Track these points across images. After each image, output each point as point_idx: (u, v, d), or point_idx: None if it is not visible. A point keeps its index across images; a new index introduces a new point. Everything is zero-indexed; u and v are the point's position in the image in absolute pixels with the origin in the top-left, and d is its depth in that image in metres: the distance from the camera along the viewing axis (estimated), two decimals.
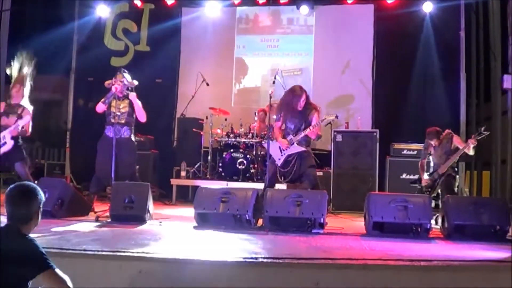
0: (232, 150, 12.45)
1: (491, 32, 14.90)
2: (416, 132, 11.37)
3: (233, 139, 12.71)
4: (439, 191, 9.77)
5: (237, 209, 8.15)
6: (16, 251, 3.65)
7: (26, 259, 3.64)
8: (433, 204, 8.70)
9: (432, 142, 10.07)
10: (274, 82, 11.41)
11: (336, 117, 9.95)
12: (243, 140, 12.61)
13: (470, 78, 14.06)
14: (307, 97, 9.64)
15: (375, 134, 12.14)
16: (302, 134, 9.42)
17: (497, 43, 14.69)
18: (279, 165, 9.43)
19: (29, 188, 3.90)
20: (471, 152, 9.69)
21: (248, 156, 12.29)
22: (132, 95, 9.78)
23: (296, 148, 9.44)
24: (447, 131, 10.16)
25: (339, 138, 12.17)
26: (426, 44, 13.65)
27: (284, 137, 9.56)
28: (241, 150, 12.44)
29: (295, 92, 9.61)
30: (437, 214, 8.61)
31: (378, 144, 12.03)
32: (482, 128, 9.64)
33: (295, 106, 9.48)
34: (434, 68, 13.59)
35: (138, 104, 9.82)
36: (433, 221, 8.22)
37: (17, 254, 3.64)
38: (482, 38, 14.98)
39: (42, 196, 3.93)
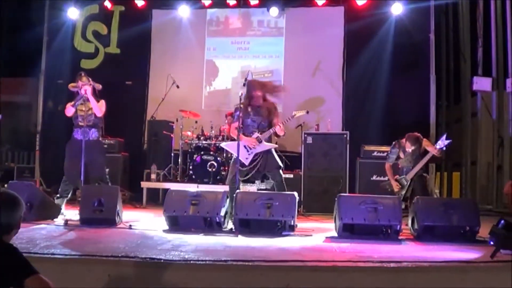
0: (202, 153, 12.40)
1: (460, 34, 15.02)
2: (387, 133, 11.45)
3: (204, 142, 12.67)
4: (411, 191, 9.83)
5: (207, 212, 8.11)
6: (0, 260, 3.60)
7: (10, 266, 3.59)
8: (403, 206, 8.72)
9: (409, 149, 10.02)
10: (244, 85, 11.34)
11: (307, 112, 9.92)
12: (213, 142, 12.57)
13: (440, 80, 14.16)
14: (264, 94, 9.59)
15: (345, 136, 12.14)
16: (271, 131, 9.35)
17: (466, 45, 14.81)
18: (246, 164, 9.31)
19: (11, 197, 3.83)
20: (438, 156, 9.77)
21: (218, 158, 12.25)
22: (85, 89, 9.63)
23: (264, 146, 9.36)
24: (416, 134, 10.17)
25: (309, 140, 12.17)
26: (396, 46, 13.71)
27: (246, 135, 9.42)
28: (211, 153, 12.39)
29: (254, 87, 9.57)
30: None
31: (348, 146, 12.02)
32: (444, 137, 9.66)
33: (255, 102, 9.44)
34: (404, 70, 13.65)
35: (92, 98, 9.70)
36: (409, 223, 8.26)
37: (1, 263, 3.59)
38: (452, 40, 15.10)
39: (23, 204, 3.87)
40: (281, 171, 9.52)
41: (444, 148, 9.70)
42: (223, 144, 10.51)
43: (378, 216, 7.78)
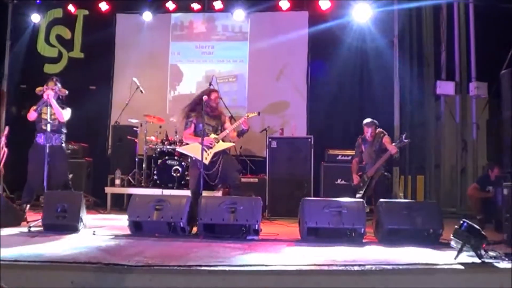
0: (167, 158, 12.35)
1: (424, 38, 15.13)
2: (351, 137, 11.46)
3: (168, 147, 12.62)
4: (372, 191, 9.92)
5: (171, 217, 8.08)
6: None
7: None
8: (367, 209, 8.76)
9: (368, 134, 10.21)
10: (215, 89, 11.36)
11: (258, 113, 9.91)
12: (178, 147, 12.50)
13: (404, 84, 14.23)
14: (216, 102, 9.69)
15: (309, 140, 12.18)
16: (227, 131, 9.44)
17: (430, 50, 14.94)
18: (207, 163, 9.25)
19: None
20: (395, 155, 9.92)
21: (183, 163, 12.20)
22: (48, 94, 9.55)
23: (222, 145, 9.38)
24: (379, 130, 10.31)
25: (274, 144, 12.18)
26: (361, 50, 13.79)
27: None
28: (176, 158, 12.34)
29: (211, 94, 9.59)
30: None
31: (313, 150, 12.07)
32: (403, 136, 9.82)
33: (212, 108, 9.49)
34: (368, 74, 13.74)
35: (54, 103, 9.62)
36: (374, 226, 8.30)
37: None
38: (416, 44, 15.19)
39: None
40: (239, 174, 9.58)
41: (401, 147, 9.86)
42: (180, 149, 10.45)
43: (342, 219, 7.83)
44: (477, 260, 6.03)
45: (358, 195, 10.07)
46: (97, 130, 14.48)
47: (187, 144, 9.66)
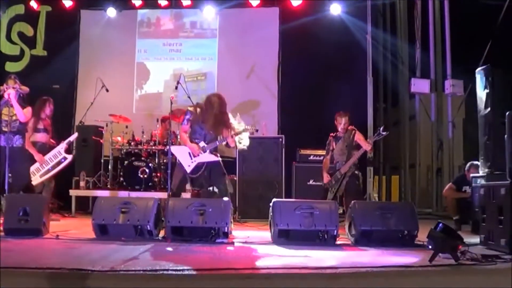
0: (133, 159, 12.29)
1: (398, 35, 15.23)
2: (323, 137, 11.45)
3: (135, 147, 12.57)
4: (343, 190, 9.95)
5: (137, 220, 8.02)
6: None
7: None
8: (340, 210, 8.77)
9: (341, 125, 10.23)
10: (176, 88, 11.20)
11: (256, 130, 9.97)
12: (145, 148, 12.48)
13: (377, 82, 14.30)
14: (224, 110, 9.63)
15: (280, 140, 12.20)
16: (217, 143, 9.41)
17: (404, 47, 15.04)
18: (188, 172, 9.29)
19: None
20: (369, 152, 9.95)
21: (150, 164, 12.16)
22: (9, 93, 9.47)
23: (209, 157, 9.35)
24: (350, 127, 10.32)
25: None
26: (333, 48, 13.79)
27: (193, 141, 9.42)
28: (143, 158, 12.30)
29: (221, 102, 9.56)
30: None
31: (284, 150, 12.10)
32: (381, 129, 9.86)
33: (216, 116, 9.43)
34: (341, 72, 13.74)
35: (15, 103, 9.54)
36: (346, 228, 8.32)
37: None
38: (390, 41, 15.28)
39: None
40: (225, 177, 9.54)
41: (378, 138, 9.90)
42: (173, 148, 10.37)
43: (314, 221, 7.82)
44: (453, 263, 6.04)
45: (329, 194, 10.08)
46: (61, 130, 14.31)
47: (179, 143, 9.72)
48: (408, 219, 8.00)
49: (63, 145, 10.62)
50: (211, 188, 9.58)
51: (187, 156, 9.34)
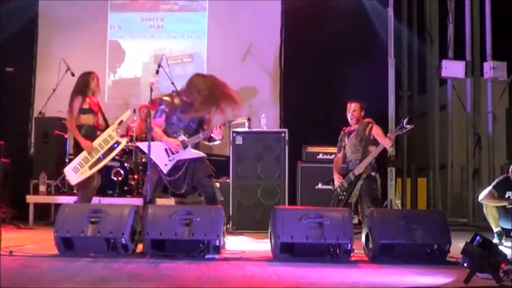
0: None
1: (426, 8, 15.17)
2: (334, 131, 11.46)
3: None
4: (358, 196, 9.91)
5: (110, 232, 8.01)
6: None
7: None
8: (356, 220, 8.78)
9: (350, 113, 10.17)
10: (157, 72, 11.23)
11: (248, 120, 9.93)
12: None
13: (400, 65, 14.30)
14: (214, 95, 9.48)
15: (283, 135, 12.19)
16: (201, 136, 9.35)
17: (433, 22, 14.99)
18: (164, 172, 9.28)
19: None
20: (389, 149, 9.87)
21: (126, 164, 12.18)
22: None
23: (190, 154, 9.32)
24: (367, 119, 10.25)
25: (239, 140, 12.18)
26: (347, 25, 13.82)
27: (170, 137, 9.37)
28: (117, 157, 12.27)
29: (210, 82, 9.48)
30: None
31: (287, 147, 12.08)
32: (404, 121, 9.75)
33: (188, 97, 9.37)
34: (356, 53, 13.78)
35: None
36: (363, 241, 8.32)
37: None
38: (416, 16, 15.26)
39: None
40: (212, 180, 9.52)
41: (401, 133, 9.85)
42: (141, 144, 10.37)
43: (324, 233, 7.81)
44: (494, 284, 6.04)
45: (340, 198, 10.05)
46: (15, 123, 14.36)
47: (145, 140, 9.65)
48: (438, 230, 7.99)
49: (114, 127, 10.54)
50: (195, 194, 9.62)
51: (163, 153, 9.27)
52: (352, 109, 10.21)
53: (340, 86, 13.67)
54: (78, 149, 10.44)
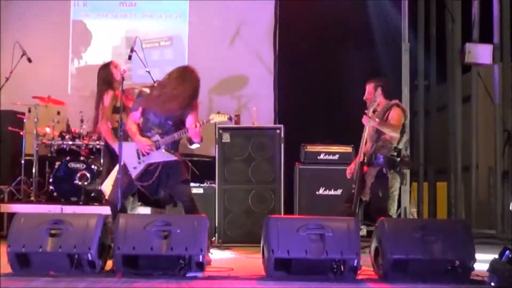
0: (68, 159, 12.30)
1: None
2: (337, 128, 11.50)
3: (71, 142, 12.56)
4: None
5: (74, 246, 7.99)
6: None
7: None
8: (364, 231, 8.79)
9: (365, 95, 10.11)
10: (130, 57, 11.18)
11: (230, 119, 9.88)
12: (85, 143, 12.47)
13: (416, 50, 14.30)
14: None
15: (278, 131, 12.16)
16: (176, 136, 9.28)
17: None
18: (133, 176, 9.25)
19: None
20: (394, 134, 9.72)
21: (93, 166, 12.19)
22: None
23: (163, 156, 9.26)
24: (394, 101, 10.12)
25: (226, 138, 12.15)
26: (352, 2, 13.81)
27: (144, 135, 9.32)
28: (82, 158, 12.30)
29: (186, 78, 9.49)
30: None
31: (283, 145, 12.07)
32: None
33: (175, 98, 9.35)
34: (364, 36, 13.78)
35: None
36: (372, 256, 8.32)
37: None
38: None
39: None
40: (189, 186, 9.51)
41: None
42: (114, 144, 10.35)
43: (325, 246, 7.82)
44: None
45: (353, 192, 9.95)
46: None
47: (89, 137, 9.62)
48: (461, 244, 7.99)
49: (174, 157, 10.41)
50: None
51: (133, 154, 9.20)
52: (366, 91, 10.15)
53: (345, 74, 13.65)
54: (111, 159, 10.48)
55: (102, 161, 11.80)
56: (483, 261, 7.51)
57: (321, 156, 12.29)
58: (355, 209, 9.63)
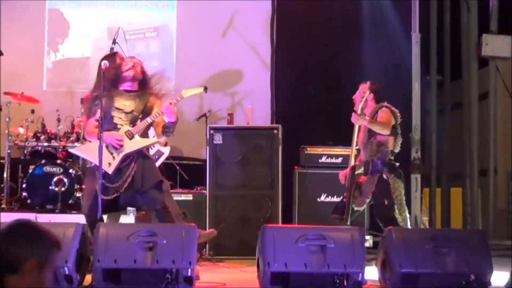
0: (44, 162, 12.29)
1: None
2: (341, 129, 11.46)
3: (46, 144, 12.55)
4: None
5: None
6: None
7: None
8: (370, 242, 8.78)
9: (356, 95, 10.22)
10: (112, 50, 11.26)
11: (205, 90, 9.82)
12: (62, 145, 12.46)
13: (427, 41, 14.29)
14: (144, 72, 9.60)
15: (276, 132, 12.15)
16: (150, 120, 9.25)
17: None
18: (110, 173, 9.08)
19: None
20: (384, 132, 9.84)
21: (71, 170, 12.16)
22: None
23: (139, 143, 9.25)
24: (385, 103, 10.29)
25: (218, 139, 12.11)
26: None
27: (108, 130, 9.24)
28: (59, 162, 12.29)
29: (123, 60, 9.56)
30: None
31: (281, 147, 12.06)
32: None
33: (126, 85, 9.44)
34: (370, 27, 13.78)
35: None
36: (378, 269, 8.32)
37: None
38: None
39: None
40: (163, 191, 9.47)
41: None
42: (74, 150, 10.36)
43: (327, 259, 7.80)
44: None
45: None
46: None
47: (89, 141, 9.61)
48: (477, 256, 7.98)
49: (154, 139, 10.36)
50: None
51: (104, 153, 8.98)
52: (358, 91, 10.27)
53: (350, 69, 13.64)
54: None
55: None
56: (501, 275, 7.50)
57: (323, 159, 12.29)
58: (346, 219, 9.67)
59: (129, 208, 10.47)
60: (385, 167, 9.79)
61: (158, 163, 10.77)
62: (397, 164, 9.95)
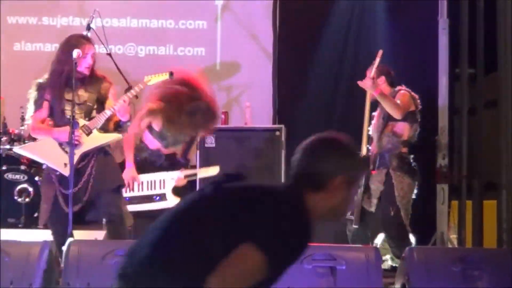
0: (5, 168, 12.31)
1: None
2: (352, 128, 11.47)
3: (8, 147, 12.57)
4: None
5: (10, 282, 8.02)
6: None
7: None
8: (387, 263, 8.81)
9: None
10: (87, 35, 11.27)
11: (171, 74, 9.80)
12: (17, 147, 12.48)
13: (457, 30, 14.33)
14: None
15: (278, 133, 12.19)
16: (107, 114, 9.30)
17: None
18: (66, 174, 9.11)
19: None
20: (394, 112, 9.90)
21: (36, 178, 12.17)
22: None
23: (101, 139, 9.33)
24: (400, 87, 10.48)
25: (210, 142, 12.16)
26: None
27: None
28: (23, 168, 12.32)
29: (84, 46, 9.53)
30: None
31: (284, 151, 12.09)
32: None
33: (78, 73, 9.35)
34: (387, 12, 13.78)
35: None
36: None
37: None
38: None
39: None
40: (121, 196, 9.50)
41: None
42: (18, 149, 10.39)
43: (337, 283, 7.82)
44: None
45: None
46: None
47: (34, 139, 9.63)
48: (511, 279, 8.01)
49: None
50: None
51: (57, 151, 9.22)
52: (369, 74, 10.31)
53: (363, 60, 13.63)
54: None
55: None
56: None
57: None
58: (356, 221, 9.70)
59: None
60: (393, 160, 9.83)
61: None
62: (411, 156, 9.97)
